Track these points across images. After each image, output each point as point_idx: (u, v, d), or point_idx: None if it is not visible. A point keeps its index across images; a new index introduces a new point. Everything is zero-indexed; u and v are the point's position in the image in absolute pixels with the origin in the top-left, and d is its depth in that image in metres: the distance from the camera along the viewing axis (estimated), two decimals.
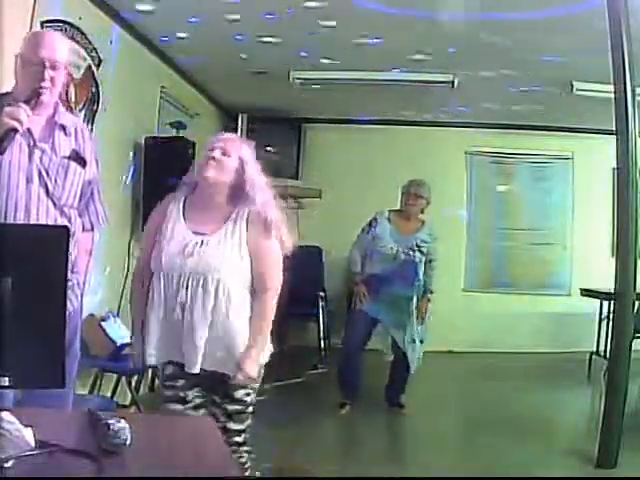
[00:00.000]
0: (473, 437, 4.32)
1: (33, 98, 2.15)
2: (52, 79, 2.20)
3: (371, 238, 4.71)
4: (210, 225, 2.46)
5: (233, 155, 2.49)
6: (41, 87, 2.17)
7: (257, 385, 2.54)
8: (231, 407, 2.50)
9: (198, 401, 2.52)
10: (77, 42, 3.70)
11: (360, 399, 4.80)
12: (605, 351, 5.36)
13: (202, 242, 2.43)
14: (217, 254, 2.42)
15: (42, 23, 3.28)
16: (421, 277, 4.69)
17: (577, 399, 5.46)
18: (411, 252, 4.66)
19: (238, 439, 2.52)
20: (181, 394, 2.50)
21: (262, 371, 2.55)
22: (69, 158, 2.28)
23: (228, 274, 2.42)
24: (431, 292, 4.77)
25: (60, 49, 2.24)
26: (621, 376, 3.69)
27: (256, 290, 2.50)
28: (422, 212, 4.82)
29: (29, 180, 2.18)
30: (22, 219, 2.15)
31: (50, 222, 2.20)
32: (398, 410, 4.85)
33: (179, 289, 2.42)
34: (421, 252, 4.69)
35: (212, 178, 2.46)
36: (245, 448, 2.56)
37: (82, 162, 2.32)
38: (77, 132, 2.34)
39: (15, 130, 2.09)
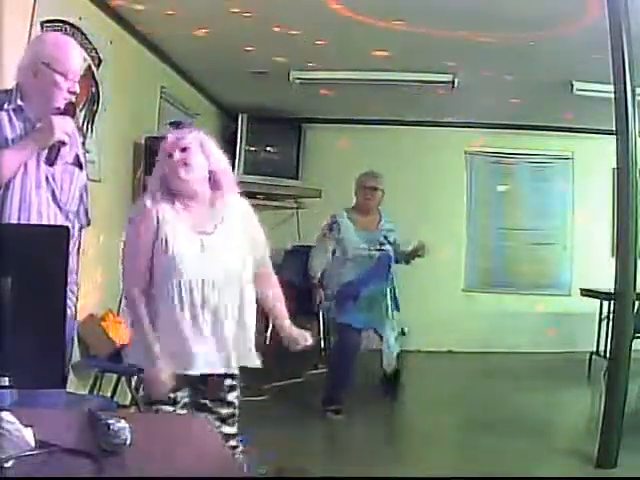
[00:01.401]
0: (473, 437, 4.32)
1: (70, 110, 2.18)
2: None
3: (335, 243, 4.58)
4: (206, 222, 2.44)
5: (193, 145, 2.45)
6: (73, 103, 2.22)
7: (238, 386, 2.55)
8: (224, 411, 2.49)
9: (186, 400, 2.50)
10: (77, 42, 3.70)
11: (359, 399, 4.80)
12: (605, 351, 5.35)
13: (205, 242, 2.42)
14: (225, 252, 2.43)
15: (42, 23, 3.28)
16: (391, 269, 4.65)
17: (577, 399, 5.45)
18: (382, 247, 4.60)
19: (233, 443, 2.51)
20: (171, 395, 2.44)
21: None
22: (71, 163, 2.29)
23: (238, 272, 2.44)
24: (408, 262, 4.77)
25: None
26: (621, 376, 3.69)
27: (261, 273, 2.55)
28: (379, 204, 4.74)
29: (38, 186, 2.19)
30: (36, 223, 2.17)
31: None
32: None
33: (195, 292, 2.38)
34: (390, 243, 4.65)
35: (188, 180, 2.41)
36: (240, 449, 2.56)
37: (80, 165, 2.33)
38: (70, 135, 2.34)
39: (63, 143, 2.11)
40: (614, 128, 3.71)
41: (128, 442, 1.41)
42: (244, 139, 6.98)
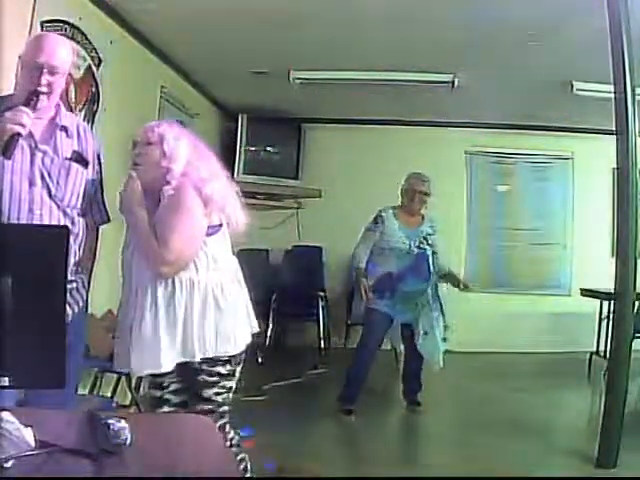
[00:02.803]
0: (473, 437, 4.31)
1: (31, 101, 2.15)
2: (50, 84, 2.18)
3: (379, 235, 4.64)
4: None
5: (154, 139, 2.45)
6: (37, 91, 2.16)
7: (229, 384, 2.47)
8: (200, 406, 2.44)
9: (175, 387, 2.53)
10: (77, 42, 3.71)
11: (364, 398, 4.80)
12: (605, 351, 5.36)
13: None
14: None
15: (42, 23, 3.29)
16: (432, 269, 4.66)
17: (577, 399, 5.45)
18: (421, 245, 4.64)
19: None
20: (158, 380, 2.53)
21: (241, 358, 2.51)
22: (70, 159, 2.28)
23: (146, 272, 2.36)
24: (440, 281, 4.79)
25: (60, 54, 2.21)
26: (621, 376, 3.69)
27: None
28: (425, 207, 4.79)
29: (32, 182, 2.18)
30: (26, 221, 2.15)
31: (54, 223, 2.20)
32: (413, 408, 4.84)
33: (125, 290, 2.44)
34: (429, 244, 4.68)
35: (140, 179, 2.44)
36: (234, 442, 2.54)
37: (84, 162, 2.32)
38: (79, 132, 2.34)
39: (19, 135, 2.09)
40: (614, 128, 3.70)
41: (128, 442, 1.41)
42: (244, 139, 6.98)
